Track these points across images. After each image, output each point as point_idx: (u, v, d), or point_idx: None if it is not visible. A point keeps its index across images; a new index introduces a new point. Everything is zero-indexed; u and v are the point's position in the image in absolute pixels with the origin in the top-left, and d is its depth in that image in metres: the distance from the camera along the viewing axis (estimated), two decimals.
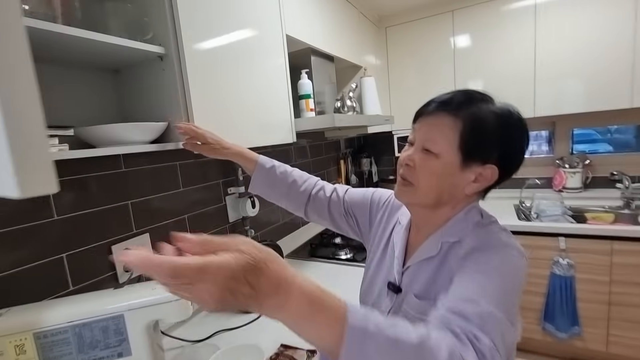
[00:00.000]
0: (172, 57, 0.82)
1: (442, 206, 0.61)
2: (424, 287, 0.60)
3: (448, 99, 0.58)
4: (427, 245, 0.62)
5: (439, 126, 0.57)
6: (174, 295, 0.68)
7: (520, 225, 1.81)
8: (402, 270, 0.65)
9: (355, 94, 1.69)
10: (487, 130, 0.55)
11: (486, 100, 0.58)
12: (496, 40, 2.00)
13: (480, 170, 0.57)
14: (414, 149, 0.60)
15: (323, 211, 0.86)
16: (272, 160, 0.88)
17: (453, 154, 0.56)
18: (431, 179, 0.58)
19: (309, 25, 1.40)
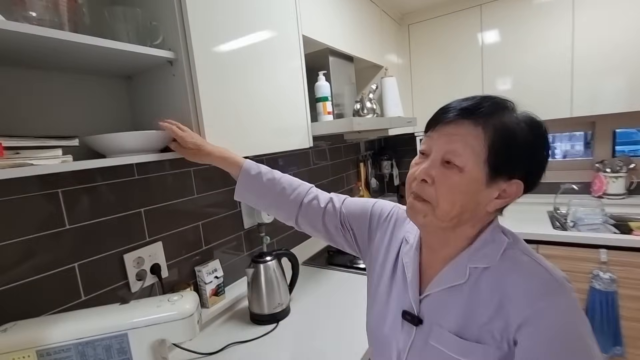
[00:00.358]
0: (182, 62, 0.79)
1: (461, 225, 0.53)
2: (458, 321, 0.52)
3: (473, 105, 0.51)
4: (450, 270, 0.55)
5: (463, 136, 0.50)
6: (179, 314, 0.65)
7: (555, 235, 1.68)
8: (419, 298, 0.58)
9: (375, 95, 1.62)
10: (518, 142, 0.49)
11: (512, 109, 0.52)
12: (529, 35, 1.86)
13: (505, 186, 0.50)
14: (431, 161, 0.52)
15: (316, 222, 0.77)
16: (260, 165, 0.80)
17: (479, 169, 0.49)
18: (453, 196, 0.50)
19: (327, 24, 1.35)
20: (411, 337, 0.57)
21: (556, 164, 2.23)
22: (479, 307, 0.51)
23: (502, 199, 0.51)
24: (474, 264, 0.53)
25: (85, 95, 0.85)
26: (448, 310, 0.54)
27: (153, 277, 0.99)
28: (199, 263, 1.15)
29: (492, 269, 0.52)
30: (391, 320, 0.61)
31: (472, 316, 0.51)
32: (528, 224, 1.82)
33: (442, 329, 0.53)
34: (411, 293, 0.59)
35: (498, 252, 0.52)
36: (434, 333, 0.54)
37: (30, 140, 0.55)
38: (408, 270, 0.61)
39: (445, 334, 0.52)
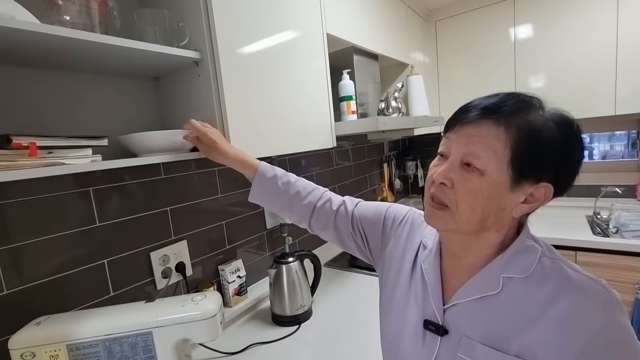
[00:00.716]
0: (208, 62, 0.79)
1: (484, 232, 0.50)
2: (492, 334, 0.48)
3: (494, 104, 0.47)
4: (481, 279, 0.51)
5: (484, 137, 0.46)
6: (202, 315, 0.65)
7: (596, 242, 1.56)
8: (443, 307, 0.54)
9: (401, 93, 1.57)
10: (545, 143, 0.45)
11: (539, 106, 0.47)
12: (567, 28, 1.74)
13: (532, 189, 0.46)
14: (450, 164, 0.49)
15: (328, 225, 0.75)
16: (275, 168, 0.79)
17: (502, 171, 0.45)
18: (474, 201, 0.47)
19: (351, 22, 1.32)
20: (435, 348, 0.53)
21: (596, 166, 2.09)
22: (517, 320, 0.47)
23: (529, 204, 0.47)
24: (508, 273, 0.49)
25: (115, 97, 0.87)
26: (479, 322, 0.50)
27: (178, 275, 1.01)
28: (222, 262, 1.16)
29: (529, 280, 0.48)
30: (411, 331, 0.57)
31: (509, 329, 0.47)
32: (564, 229, 1.71)
33: (472, 341, 0.49)
34: (434, 301, 0.55)
35: (533, 261, 0.48)
36: (463, 345, 0.50)
37: (63, 140, 0.57)
38: (428, 277, 0.57)
39: (478, 346, 0.49)
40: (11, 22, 0.51)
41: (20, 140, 0.51)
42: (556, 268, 0.48)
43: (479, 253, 0.52)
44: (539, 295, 0.46)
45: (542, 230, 1.71)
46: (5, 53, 0.62)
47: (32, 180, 0.72)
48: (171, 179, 1.01)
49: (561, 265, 0.48)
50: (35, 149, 0.52)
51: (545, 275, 0.47)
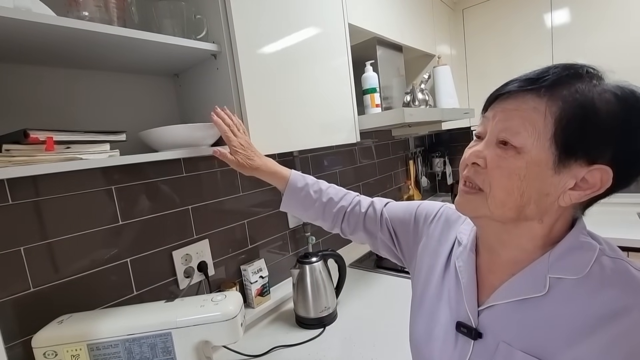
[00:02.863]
0: (226, 55, 0.77)
1: (524, 221, 0.43)
2: (535, 342, 0.42)
3: (538, 74, 0.41)
4: (524, 279, 0.44)
5: (523, 111, 0.40)
6: (222, 316, 0.62)
7: None
8: (478, 309, 0.48)
9: (427, 85, 1.49)
10: (598, 117, 0.38)
11: (596, 77, 0.41)
12: (611, 12, 1.59)
13: (584, 173, 0.39)
14: (485, 142, 0.44)
15: (357, 228, 0.73)
16: (305, 176, 0.76)
17: (543, 149, 0.39)
18: (510, 182, 0.41)
19: (374, 12, 1.27)
20: (467, 353, 0.47)
21: None
22: (567, 328, 0.40)
23: (581, 190, 0.40)
24: (556, 273, 0.42)
25: (136, 95, 0.87)
26: (519, 327, 0.43)
27: (200, 274, 0.99)
28: (244, 262, 1.14)
29: (583, 282, 0.41)
30: (441, 333, 0.51)
31: (556, 339, 0.40)
32: (613, 227, 1.56)
33: (511, 348, 0.43)
34: (467, 301, 0.49)
35: (589, 260, 0.41)
36: (500, 352, 0.44)
37: (80, 135, 0.56)
38: (462, 275, 0.51)
39: (518, 355, 0.42)
40: (28, 14, 0.50)
41: (37, 135, 0.50)
42: (619, 269, 0.40)
43: (520, 246, 0.45)
44: (596, 301, 0.39)
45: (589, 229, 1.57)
46: (24, 50, 0.62)
47: (56, 177, 0.74)
48: (192, 177, 1.00)
49: (626, 267, 0.41)
50: (52, 144, 0.51)
51: (605, 278, 0.40)
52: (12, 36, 0.55)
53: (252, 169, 0.73)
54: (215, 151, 0.73)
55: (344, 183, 1.61)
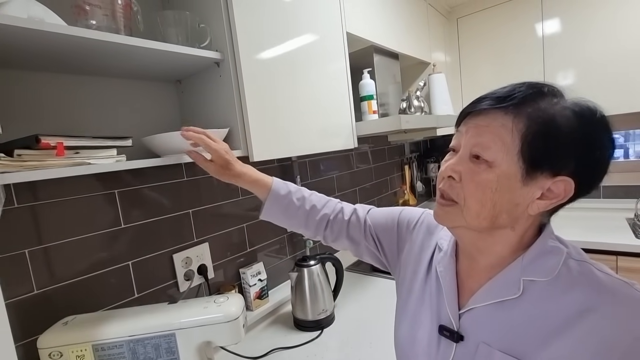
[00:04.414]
0: (229, 63, 0.79)
1: (498, 229, 0.47)
2: (512, 341, 0.45)
3: (504, 93, 0.44)
4: (500, 282, 0.47)
5: (493, 127, 0.44)
6: (224, 317, 0.64)
7: (639, 246, 1.45)
8: (459, 312, 0.51)
9: (423, 92, 1.53)
10: (559, 132, 0.42)
11: (556, 95, 0.44)
12: (600, 22, 1.65)
13: (550, 184, 0.43)
14: (459, 157, 0.47)
15: (341, 236, 0.73)
16: (288, 184, 0.75)
17: (512, 163, 0.43)
18: (483, 195, 0.44)
19: (371, 21, 1.30)
20: (450, 355, 0.50)
21: (635, 165, 1.95)
22: (540, 328, 0.43)
23: (547, 200, 0.44)
24: (529, 276, 0.45)
25: (139, 101, 0.89)
26: (497, 328, 0.46)
27: (200, 277, 1.01)
28: (243, 265, 1.15)
29: (553, 284, 0.44)
30: (425, 336, 0.54)
31: (531, 338, 0.43)
32: (603, 233, 1.60)
33: (491, 349, 0.46)
34: (449, 305, 0.52)
35: (558, 263, 0.45)
36: (480, 352, 0.47)
37: (89, 141, 0.57)
38: (444, 280, 0.54)
39: (497, 354, 0.45)
40: (41, 24, 0.52)
41: (48, 140, 0.52)
42: (584, 271, 0.44)
43: (495, 253, 0.48)
44: (565, 302, 0.42)
45: (579, 234, 1.60)
46: (34, 58, 0.64)
47: (60, 181, 0.75)
48: (192, 182, 1.01)
49: (590, 268, 0.44)
50: (62, 149, 0.53)
51: (572, 280, 0.43)
52: (24, 45, 0.56)
53: (233, 176, 0.70)
54: (190, 152, 0.69)
55: (341, 188, 1.63)
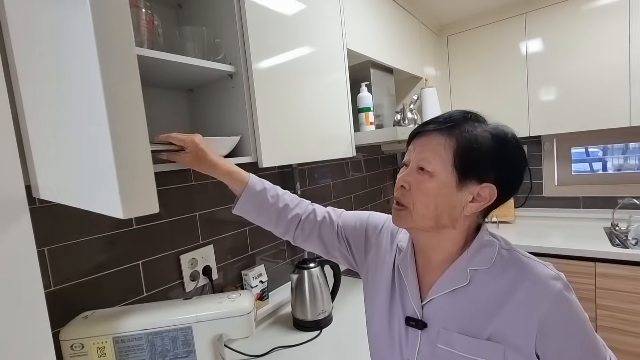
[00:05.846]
0: (241, 75, 0.85)
1: (442, 229, 0.57)
2: (466, 323, 0.54)
3: (440, 119, 0.57)
4: (451, 274, 0.57)
5: (433, 145, 0.55)
6: (238, 311, 0.68)
7: (615, 253, 1.54)
8: (421, 303, 0.59)
9: (416, 105, 1.62)
10: (481, 148, 0.54)
11: (480, 121, 0.57)
12: (578, 42, 1.78)
13: (478, 189, 0.54)
14: (409, 169, 0.58)
15: (312, 236, 0.77)
16: (264, 181, 0.77)
17: (448, 173, 0.54)
18: (427, 200, 0.55)
19: (369, 38, 1.39)
20: (417, 342, 0.58)
21: (612, 177, 2.08)
22: (486, 307, 0.53)
23: (477, 203, 0.55)
24: (473, 266, 0.56)
25: (152, 107, 0.93)
26: (453, 313, 0.55)
27: (205, 278, 1.04)
28: (245, 267, 1.19)
29: (492, 270, 0.55)
30: (395, 329, 0.62)
31: (479, 316, 0.53)
32: (582, 241, 1.70)
33: (449, 332, 0.55)
34: (412, 298, 0.60)
35: (493, 253, 0.56)
36: (441, 336, 0.55)
37: None
38: (406, 276, 0.62)
39: (454, 336, 0.54)
40: None
41: None
42: (513, 257, 0.55)
43: (445, 249, 0.58)
44: (501, 283, 0.53)
45: (561, 242, 1.70)
46: None
47: None
48: (200, 185, 1.06)
49: (517, 255, 0.56)
50: None
51: (505, 265, 0.54)
52: None
53: (209, 166, 0.71)
54: (162, 155, 0.70)
55: (337, 195, 1.70)
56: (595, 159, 2.21)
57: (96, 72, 0.27)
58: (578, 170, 2.19)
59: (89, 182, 0.35)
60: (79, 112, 0.34)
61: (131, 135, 0.27)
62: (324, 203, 1.38)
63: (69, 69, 0.36)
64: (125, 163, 0.26)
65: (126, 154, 0.26)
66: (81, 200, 0.36)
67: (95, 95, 0.28)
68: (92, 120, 0.30)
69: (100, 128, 0.27)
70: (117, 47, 0.29)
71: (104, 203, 0.27)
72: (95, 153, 0.31)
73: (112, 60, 0.28)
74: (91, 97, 0.29)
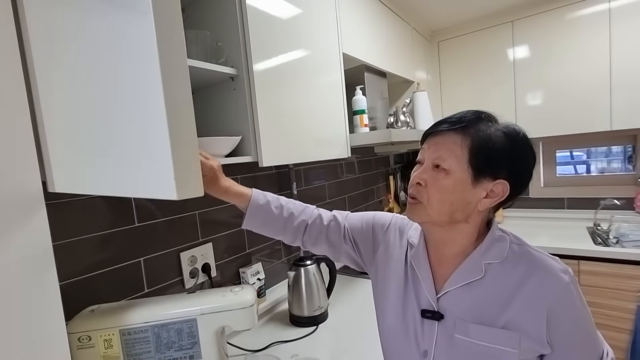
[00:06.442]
0: (243, 78, 0.88)
1: (456, 223, 0.60)
2: (481, 313, 0.57)
3: (456, 119, 0.59)
4: (466, 268, 0.59)
5: (448, 144, 0.58)
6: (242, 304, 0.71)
7: (597, 251, 1.62)
8: (437, 296, 0.61)
9: (408, 109, 1.67)
10: (496, 146, 0.56)
11: (492, 120, 0.59)
12: (562, 50, 1.87)
13: (492, 186, 0.57)
14: (424, 167, 0.60)
15: (320, 240, 0.79)
16: (266, 194, 0.79)
17: (463, 170, 0.56)
18: (442, 196, 0.57)
19: (363, 43, 1.43)
20: (434, 333, 0.60)
21: (594, 179, 2.17)
22: (499, 298, 0.56)
23: (490, 199, 0.57)
24: (487, 260, 0.58)
25: None
26: (469, 305, 0.58)
27: (204, 275, 1.07)
28: (242, 265, 1.22)
29: (504, 263, 0.58)
30: (410, 322, 0.63)
31: (494, 307, 0.56)
32: (566, 240, 1.78)
33: (465, 322, 0.57)
34: (428, 291, 0.62)
35: (506, 247, 0.59)
36: (458, 327, 0.57)
37: None
38: (420, 270, 0.64)
39: (471, 326, 0.56)
40: None
41: None
42: (523, 252, 0.59)
43: (458, 243, 0.61)
44: (513, 275, 0.56)
45: (547, 242, 1.77)
46: None
47: None
48: None
49: (528, 249, 0.59)
50: None
51: (517, 259, 0.58)
52: None
53: (222, 191, 0.72)
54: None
55: (331, 195, 1.73)
56: (579, 162, 2.31)
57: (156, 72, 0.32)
58: (562, 173, 2.27)
59: (140, 171, 0.40)
60: (132, 111, 0.39)
61: (185, 129, 0.31)
62: (318, 203, 1.41)
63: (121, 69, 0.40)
64: (179, 153, 0.30)
65: (180, 144, 0.30)
66: (127, 189, 0.42)
67: (154, 96, 0.32)
68: (149, 117, 0.35)
69: (159, 124, 0.33)
70: (175, 51, 0.33)
71: (159, 188, 0.32)
72: (151, 146, 0.36)
73: (171, 63, 0.32)
74: (150, 98, 0.33)
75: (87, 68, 0.46)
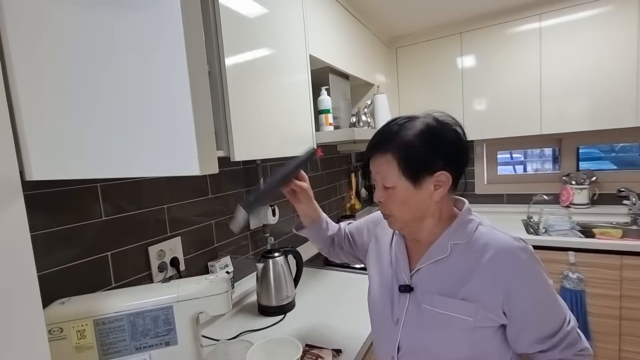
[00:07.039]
0: (215, 74, 0.90)
1: (423, 220, 0.69)
2: (445, 287, 0.66)
3: (378, 140, 0.67)
4: (435, 249, 0.69)
5: (382, 164, 0.66)
6: (217, 290, 0.75)
7: (529, 239, 1.85)
8: (410, 274, 0.71)
9: (369, 110, 1.78)
10: (419, 148, 0.63)
11: (407, 124, 0.65)
12: (502, 61, 2.10)
13: (434, 179, 0.64)
14: (377, 187, 0.70)
15: (335, 246, 0.97)
16: (324, 219, 0.96)
17: (403, 182, 0.64)
18: (400, 207, 0.66)
19: (328, 45, 1.51)
20: (406, 303, 0.70)
21: (528, 177, 2.46)
22: (461, 273, 0.65)
23: (440, 188, 0.65)
24: (453, 240, 0.67)
25: None
26: (436, 279, 0.68)
27: (172, 269, 1.07)
28: (210, 259, 1.23)
29: (469, 244, 0.66)
30: (389, 294, 0.74)
31: (456, 281, 0.65)
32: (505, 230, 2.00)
33: (431, 294, 0.67)
34: (403, 270, 0.73)
35: (472, 230, 0.66)
36: (425, 298, 0.67)
37: None
38: (400, 254, 0.76)
39: (436, 297, 0.66)
40: None
41: None
42: (488, 232, 0.66)
43: (428, 231, 0.70)
44: (476, 252, 0.65)
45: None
46: None
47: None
48: (170, 179, 1.08)
49: (492, 230, 0.67)
50: None
51: (481, 239, 0.66)
52: None
53: (312, 205, 0.91)
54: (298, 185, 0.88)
55: None
56: (517, 162, 2.60)
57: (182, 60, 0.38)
58: (503, 172, 2.55)
59: (162, 153, 0.43)
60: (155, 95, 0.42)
61: (205, 113, 0.36)
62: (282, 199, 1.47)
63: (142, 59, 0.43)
64: (201, 135, 0.34)
65: (202, 126, 0.35)
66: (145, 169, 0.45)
67: (180, 86, 0.38)
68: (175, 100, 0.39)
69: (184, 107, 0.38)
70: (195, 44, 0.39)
71: (183, 166, 0.37)
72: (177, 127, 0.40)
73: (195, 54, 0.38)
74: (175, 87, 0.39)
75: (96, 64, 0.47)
